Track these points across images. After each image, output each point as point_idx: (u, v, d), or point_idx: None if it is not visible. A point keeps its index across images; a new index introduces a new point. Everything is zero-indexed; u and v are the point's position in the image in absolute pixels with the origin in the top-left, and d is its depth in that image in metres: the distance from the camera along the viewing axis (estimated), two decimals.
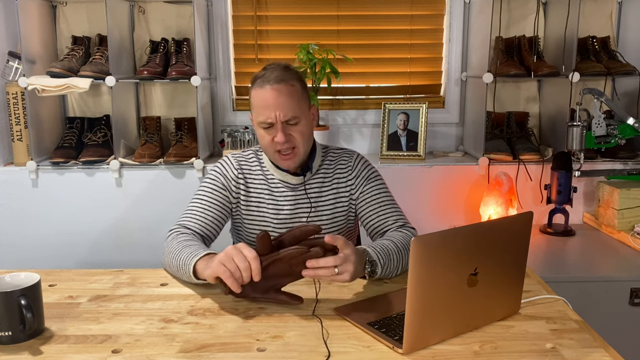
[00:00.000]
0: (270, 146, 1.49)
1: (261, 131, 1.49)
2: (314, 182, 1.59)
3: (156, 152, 2.44)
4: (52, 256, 2.42)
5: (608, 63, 2.44)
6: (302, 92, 1.50)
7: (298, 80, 1.49)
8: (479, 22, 2.50)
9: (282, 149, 1.47)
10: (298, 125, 1.47)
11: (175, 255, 1.36)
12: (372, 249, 1.35)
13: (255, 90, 1.47)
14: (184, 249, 1.35)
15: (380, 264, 1.33)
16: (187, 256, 1.31)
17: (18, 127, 2.43)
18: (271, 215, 1.57)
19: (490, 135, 2.55)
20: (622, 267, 1.97)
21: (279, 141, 1.45)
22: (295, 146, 1.48)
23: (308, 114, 1.52)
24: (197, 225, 1.50)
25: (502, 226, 1.13)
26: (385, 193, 1.59)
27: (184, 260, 1.32)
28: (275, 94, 1.44)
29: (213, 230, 1.53)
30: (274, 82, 1.44)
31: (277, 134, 1.45)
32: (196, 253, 1.31)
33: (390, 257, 1.36)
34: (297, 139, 1.48)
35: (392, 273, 1.38)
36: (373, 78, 2.71)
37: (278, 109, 1.44)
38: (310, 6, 2.63)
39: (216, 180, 1.57)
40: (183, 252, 1.34)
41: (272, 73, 1.46)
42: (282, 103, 1.44)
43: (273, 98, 1.44)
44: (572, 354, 1.04)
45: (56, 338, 1.11)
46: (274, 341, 1.09)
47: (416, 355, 1.03)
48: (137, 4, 2.57)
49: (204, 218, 1.51)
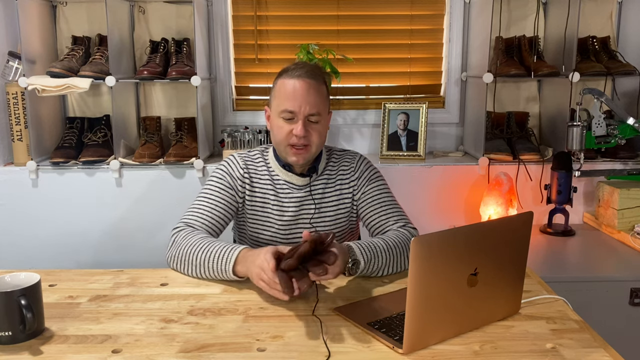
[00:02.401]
0: (285, 138, 1.48)
1: (280, 122, 1.48)
2: (318, 184, 1.59)
3: (156, 152, 2.44)
4: (52, 256, 2.42)
5: (608, 63, 2.44)
6: (327, 95, 1.53)
7: (324, 83, 1.52)
8: (479, 22, 2.50)
9: (297, 143, 1.47)
10: (318, 124, 1.48)
11: (203, 254, 1.37)
12: (356, 245, 1.36)
13: (284, 80, 1.47)
14: (210, 247, 1.37)
15: (364, 260, 1.34)
16: (220, 256, 1.34)
17: (18, 127, 2.43)
18: (275, 216, 1.57)
19: (490, 135, 2.55)
20: (622, 267, 1.97)
21: (297, 134, 1.45)
22: (309, 144, 1.48)
23: (327, 117, 1.54)
24: (202, 224, 1.50)
25: (502, 226, 1.13)
26: (386, 193, 1.60)
27: (216, 260, 1.34)
28: (306, 85, 1.45)
29: (217, 229, 1.53)
30: (306, 76, 1.46)
31: (298, 126, 1.45)
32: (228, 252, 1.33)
33: (377, 254, 1.37)
34: (314, 137, 1.48)
35: (379, 270, 1.39)
36: (373, 78, 2.71)
37: (305, 101, 1.45)
38: (310, 6, 2.63)
39: (223, 179, 1.57)
40: (211, 252, 1.36)
41: (303, 67, 1.48)
42: (310, 97, 1.45)
43: (302, 89, 1.45)
44: (572, 354, 1.04)
45: (56, 338, 1.11)
46: (274, 341, 1.09)
47: (416, 355, 1.03)
48: (137, 4, 2.56)
49: (209, 217, 1.51)
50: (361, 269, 1.34)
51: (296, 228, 1.58)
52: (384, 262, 1.39)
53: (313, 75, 1.47)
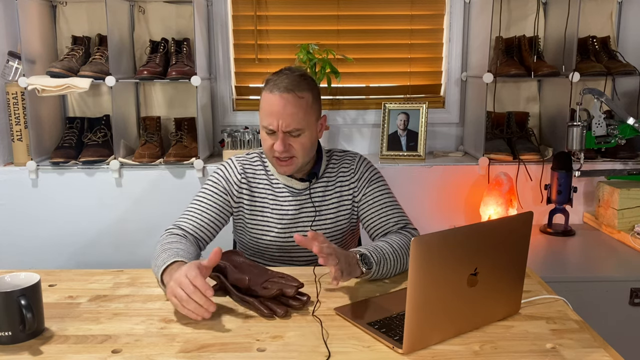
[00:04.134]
0: (269, 151, 1.49)
1: (264, 134, 1.49)
2: (318, 187, 1.58)
3: (156, 152, 2.44)
4: (52, 256, 2.42)
5: (608, 63, 2.44)
6: (312, 104, 1.48)
7: (310, 91, 1.47)
8: (479, 22, 2.50)
9: (280, 156, 1.47)
10: (300, 137, 1.46)
11: (153, 262, 1.36)
12: (364, 248, 1.35)
13: (265, 94, 1.47)
14: (160, 254, 1.34)
15: (375, 261, 1.33)
16: (159, 266, 1.30)
17: (18, 127, 2.43)
18: (275, 220, 1.56)
19: (490, 135, 2.55)
20: (622, 267, 1.97)
21: (277, 149, 1.45)
22: (294, 156, 1.48)
23: (314, 125, 1.50)
24: (192, 227, 1.51)
25: (502, 226, 1.13)
26: (387, 194, 1.58)
27: (156, 270, 1.31)
28: (282, 102, 1.42)
29: (208, 232, 1.53)
30: (282, 90, 1.43)
31: (277, 142, 1.45)
32: (163, 262, 1.28)
33: (385, 257, 1.36)
34: (297, 149, 1.47)
35: (389, 273, 1.38)
36: (373, 78, 2.71)
37: (281, 118, 1.43)
38: (310, 6, 2.63)
39: (218, 184, 1.57)
40: (158, 260, 1.33)
41: (284, 80, 1.44)
42: (286, 113, 1.43)
43: (279, 106, 1.43)
44: (572, 354, 1.04)
45: (56, 338, 1.11)
46: (274, 341, 1.09)
47: (416, 355, 1.03)
48: (137, 4, 2.56)
49: (200, 220, 1.52)
50: (373, 272, 1.33)
51: (296, 232, 1.57)
52: (392, 264, 1.38)
53: (290, 89, 1.42)
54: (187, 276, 1.14)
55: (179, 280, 1.15)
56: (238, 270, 1.30)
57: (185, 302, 1.13)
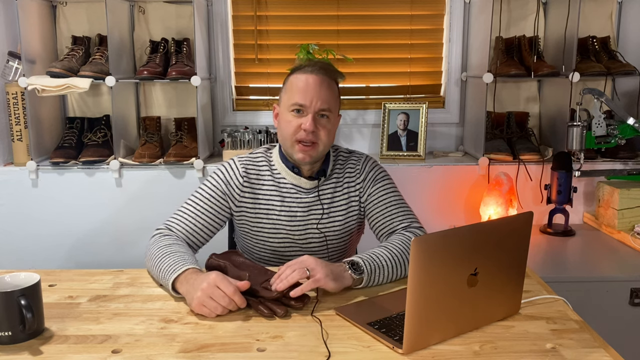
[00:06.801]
0: (293, 133, 1.46)
1: (289, 116, 1.46)
2: (327, 187, 1.56)
3: (156, 152, 2.44)
4: (52, 256, 2.42)
5: (608, 63, 2.44)
6: (338, 94, 1.53)
7: (337, 84, 1.53)
8: (479, 22, 2.50)
9: (305, 138, 1.44)
10: (327, 121, 1.47)
11: (156, 264, 1.33)
12: (357, 256, 1.33)
13: (297, 75, 1.48)
14: (164, 259, 1.32)
15: (367, 270, 1.31)
16: (167, 270, 1.28)
17: (18, 127, 2.43)
18: (284, 220, 1.52)
19: (490, 135, 2.55)
20: (622, 267, 1.97)
21: (306, 128, 1.43)
22: (317, 142, 1.46)
23: (337, 117, 1.53)
24: (184, 230, 1.46)
25: (502, 226, 1.13)
26: (393, 193, 1.56)
27: (163, 274, 1.29)
28: (319, 80, 1.46)
29: (201, 238, 1.49)
30: (319, 72, 1.47)
31: (307, 120, 1.43)
32: (174, 269, 1.27)
33: (381, 264, 1.34)
34: (322, 134, 1.46)
35: (386, 280, 1.36)
36: (373, 78, 2.71)
37: (316, 95, 1.44)
38: (310, 6, 2.63)
39: (216, 187, 1.52)
40: (163, 263, 1.31)
41: (318, 64, 1.50)
42: (321, 92, 1.45)
43: (315, 84, 1.45)
44: (572, 354, 1.04)
45: (56, 338, 1.11)
46: (274, 341, 1.09)
47: (416, 355, 1.03)
48: (137, 4, 2.56)
49: (192, 224, 1.47)
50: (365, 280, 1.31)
51: (305, 232, 1.54)
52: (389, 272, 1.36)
53: (326, 72, 1.48)
54: (225, 291, 1.19)
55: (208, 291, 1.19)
56: (238, 269, 1.30)
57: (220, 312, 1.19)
